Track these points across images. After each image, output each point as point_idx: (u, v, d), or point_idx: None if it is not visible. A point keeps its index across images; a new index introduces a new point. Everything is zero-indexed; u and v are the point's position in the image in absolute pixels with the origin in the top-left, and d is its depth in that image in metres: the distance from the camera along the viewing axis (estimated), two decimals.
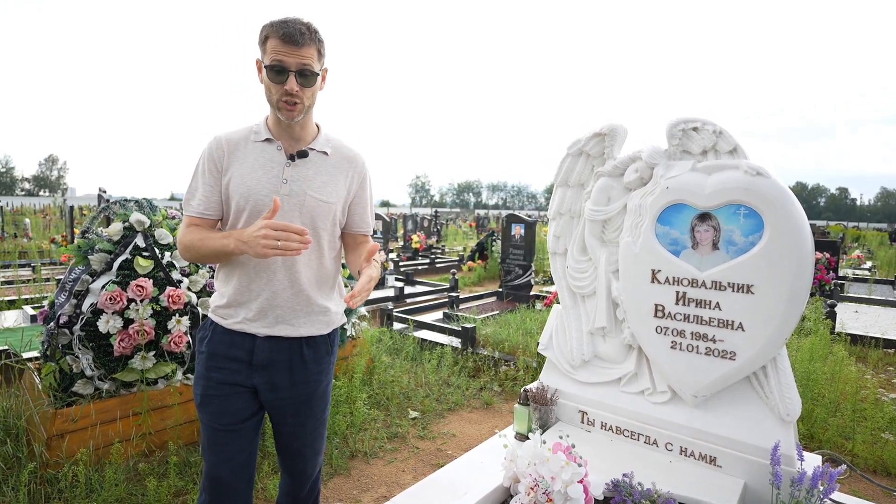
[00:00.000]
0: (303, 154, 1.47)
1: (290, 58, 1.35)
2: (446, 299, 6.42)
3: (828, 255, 7.32)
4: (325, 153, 1.51)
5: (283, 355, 1.48)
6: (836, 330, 4.94)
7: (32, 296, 5.70)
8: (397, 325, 5.23)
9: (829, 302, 5.42)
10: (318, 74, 1.42)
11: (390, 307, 5.41)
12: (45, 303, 4.58)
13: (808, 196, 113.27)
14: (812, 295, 6.57)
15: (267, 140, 1.46)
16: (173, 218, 3.15)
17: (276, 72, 1.36)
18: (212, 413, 1.46)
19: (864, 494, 2.58)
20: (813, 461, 1.87)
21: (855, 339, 4.95)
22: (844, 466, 1.73)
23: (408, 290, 7.69)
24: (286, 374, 1.48)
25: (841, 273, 9.38)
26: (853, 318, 6.11)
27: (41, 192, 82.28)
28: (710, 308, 1.88)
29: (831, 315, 5.23)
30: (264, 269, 1.45)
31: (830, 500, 1.57)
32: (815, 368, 3.46)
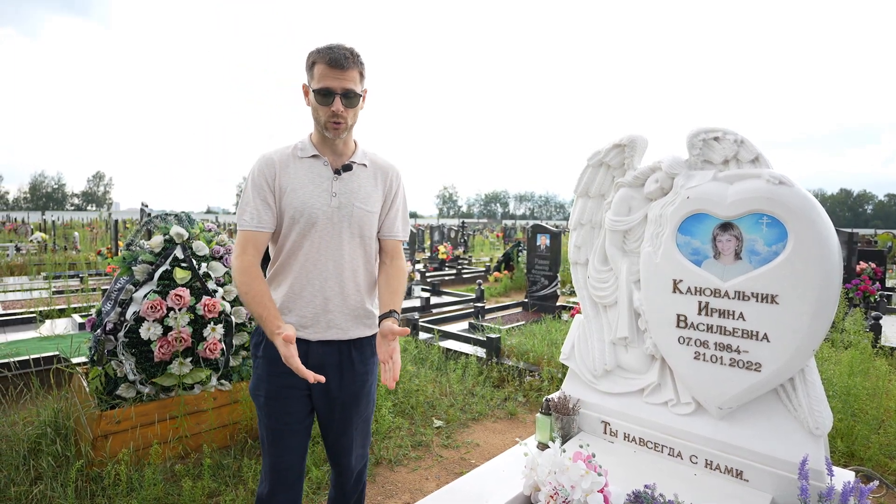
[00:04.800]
0: (347, 168, 1.59)
1: (336, 81, 1.47)
2: (472, 310, 6.44)
3: (874, 266, 6.98)
4: (365, 165, 1.64)
5: (333, 358, 1.59)
6: (880, 343, 4.70)
7: (80, 304, 6.03)
8: (423, 335, 5.29)
9: (873, 314, 5.17)
10: (361, 96, 1.55)
11: (416, 317, 5.47)
12: (93, 311, 4.86)
13: (853, 203, 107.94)
14: (855, 306, 6.27)
15: (314, 156, 1.59)
16: (209, 231, 3.31)
17: (323, 95, 1.48)
18: (274, 414, 1.58)
19: None
20: (844, 477, 1.81)
21: None
22: (877, 482, 1.67)
23: (434, 300, 7.75)
24: (336, 375, 1.58)
25: (889, 284, 8.90)
26: None
27: (89, 207, 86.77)
28: (733, 318, 1.86)
29: (875, 328, 4.98)
30: (316, 277, 1.56)
31: None
32: (856, 383, 3.31)
